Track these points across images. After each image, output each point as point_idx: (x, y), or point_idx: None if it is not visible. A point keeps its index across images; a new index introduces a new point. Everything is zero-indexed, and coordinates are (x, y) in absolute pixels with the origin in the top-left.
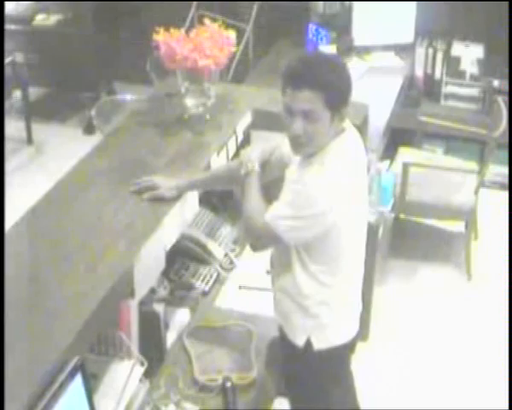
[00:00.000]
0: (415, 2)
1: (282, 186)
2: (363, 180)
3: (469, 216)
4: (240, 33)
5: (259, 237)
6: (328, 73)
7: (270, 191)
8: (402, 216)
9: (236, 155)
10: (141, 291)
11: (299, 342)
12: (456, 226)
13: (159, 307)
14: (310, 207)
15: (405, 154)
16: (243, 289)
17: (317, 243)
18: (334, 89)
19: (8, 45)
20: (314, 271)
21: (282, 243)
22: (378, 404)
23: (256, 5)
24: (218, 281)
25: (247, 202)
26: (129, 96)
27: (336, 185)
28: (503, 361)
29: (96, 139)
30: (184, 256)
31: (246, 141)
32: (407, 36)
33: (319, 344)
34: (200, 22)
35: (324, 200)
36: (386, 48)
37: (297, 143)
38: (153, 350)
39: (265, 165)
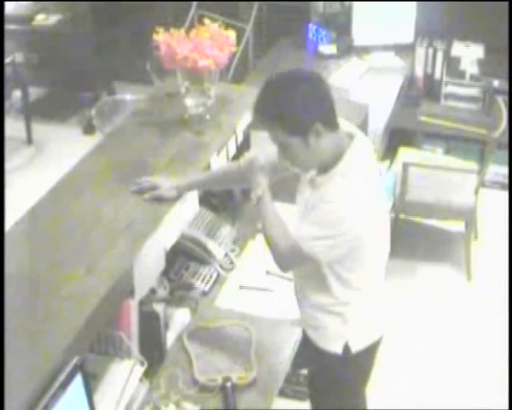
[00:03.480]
0: (415, 2)
1: (286, 186)
2: (379, 184)
3: (469, 216)
4: (240, 33)
5: (291, 259)
6: (278, 102)
7: (274, 192)
8: (402, 216)
9: (236, 155)
10: (141, 291)
11: (337, 349)
12: (456, 226)
13: (159, 307)
14: (341, 225)
15: (405, 154)
16: (243, 289)
17: (350, 253)
18: (285, 116)
19: (8, 45)
20: (348, 278)
21: (316, 261)
22: (376, 403)
23: (256, 5)
24: (218, 281)
25: (269, 228)
26: (129, 96)
27: (361, 195)
28: (502, 361)
29: (96, 139)
30: (184, 256)
31: (246, 141)
32: (407, 36)
33: (357, 346)
34: (200, 22)
35: (354, 214)
36: (386, 48)
37: (297, 167)
38: (153, 350)
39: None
